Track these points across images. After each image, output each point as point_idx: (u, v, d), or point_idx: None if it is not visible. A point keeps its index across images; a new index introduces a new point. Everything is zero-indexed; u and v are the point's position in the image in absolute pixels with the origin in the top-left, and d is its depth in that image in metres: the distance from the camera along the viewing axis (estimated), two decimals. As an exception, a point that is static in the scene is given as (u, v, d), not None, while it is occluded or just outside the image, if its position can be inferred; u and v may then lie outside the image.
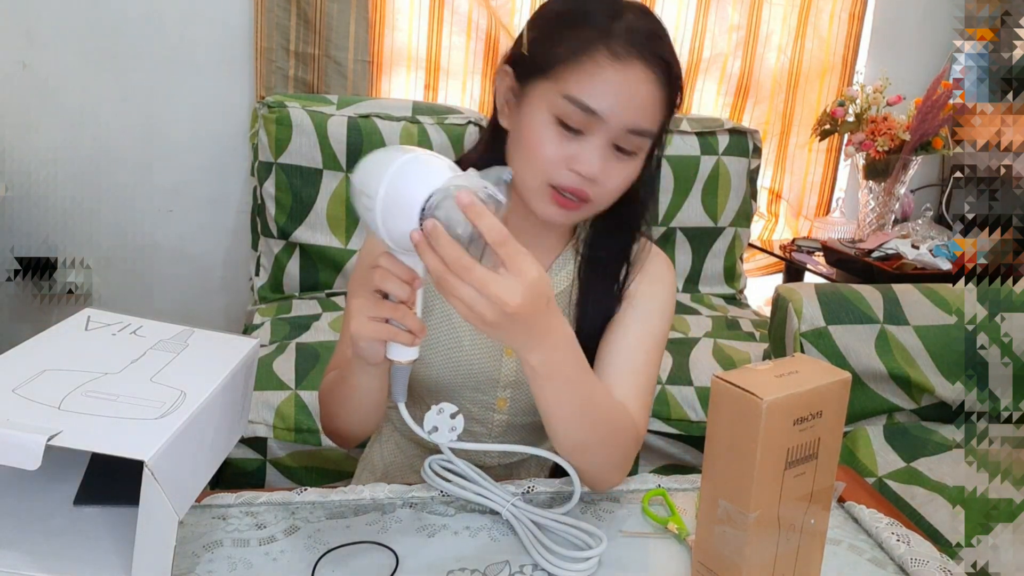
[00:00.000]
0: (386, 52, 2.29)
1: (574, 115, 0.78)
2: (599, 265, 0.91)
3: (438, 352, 0.92)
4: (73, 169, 2.19)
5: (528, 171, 0.82)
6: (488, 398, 0.93)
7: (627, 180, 0.83)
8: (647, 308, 0.90)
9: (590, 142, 0.79)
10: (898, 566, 0.73)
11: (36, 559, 0.59)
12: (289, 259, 2.06)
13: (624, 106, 0.78)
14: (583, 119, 0.78)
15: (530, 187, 0.83)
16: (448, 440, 0.72)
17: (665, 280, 0.94)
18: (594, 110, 0.77)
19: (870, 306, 1.43)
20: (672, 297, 0.94)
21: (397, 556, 0.70)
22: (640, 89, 0.78)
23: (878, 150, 2.29)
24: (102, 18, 2.11)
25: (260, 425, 1.52)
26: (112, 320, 0.75)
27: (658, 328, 0.90)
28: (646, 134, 0.80)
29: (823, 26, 2.58)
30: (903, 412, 1.45)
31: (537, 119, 0.80)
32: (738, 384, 0.58)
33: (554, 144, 0.79)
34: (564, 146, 0.79)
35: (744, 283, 2.40)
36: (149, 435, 0.56)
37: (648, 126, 0.80)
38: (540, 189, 0.82)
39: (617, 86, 0.77)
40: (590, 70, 0.77)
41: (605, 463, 0.79)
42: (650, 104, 0.79)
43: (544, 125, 0.80)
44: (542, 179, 0.81)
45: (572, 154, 0.79)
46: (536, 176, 0.81)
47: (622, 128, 0.78)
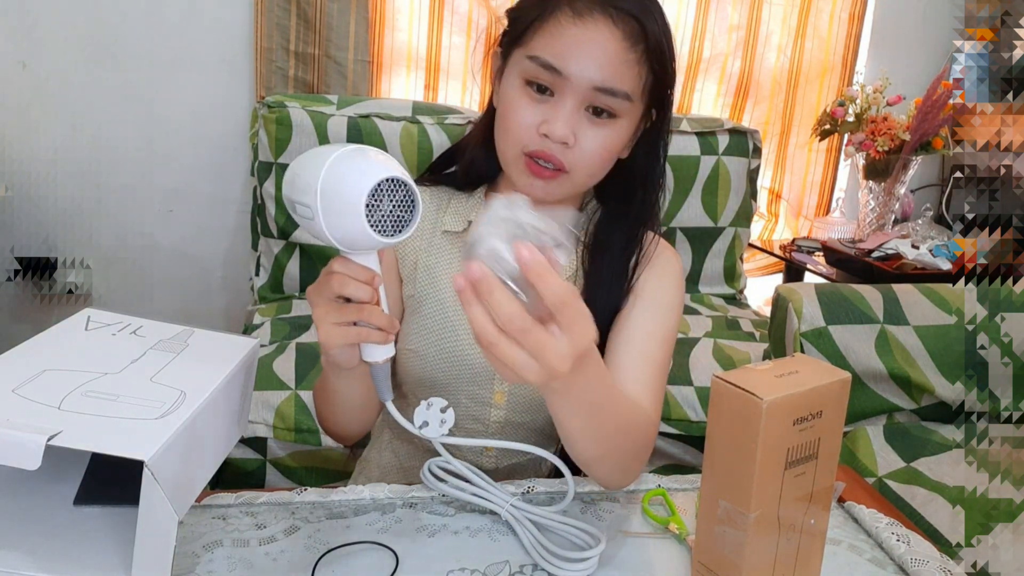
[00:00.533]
0: (386, 52, 2.29)
1: (540, 74, 0.78)
2: (605, 254, 0.89)
3: (432, 344, 0.90)
4: (73, 169, 2.19)
5: (504, 142, 0.83)
6: (485, 392, 0.91)
7: (605, 147, 0.81)
8: (657, 300, 0.89)
9: (558, 103, 0.78)
10: (898, 566, 0.73)
11: (36, 559, 0.59)
12: (289, 259, 2.06)
13: (587, 63, 0.77)
14: (549, 78, 0.78)
15: (508, 159, 0.83)
16: (439, 435, 0.72)
17: (674, 273, 0.92)
18: (557, 68, 0.77)
19: (870, 306, 1.43)
20: (681, 290, 0.93)
21: (397, 556, 0.70)
22: (604, 45, 0.77)
23: (878, 150, 2.29)
24: (102, 18, 2.11)
25: (260, 425, 1.52)
26: (112, 320, 0.75)
27: (669, 321, 0.89)
28: (618, 94, 0.78)
29: (823, 26, 2.58)
30: (903, 412, 1.45)
31: (510, 87, 0.81)
32: (738, 384, 0.58)
33: (526, 109, 0.80)
34: (534, 110, 0.79)
35: (744, 283, 2.40)
36: (149, 435, 0.56)
37: (618, 85, 0.78)
38: (516, 159, 0.82)
39: (578, 43, 0.77)
40: (552, 30, 0.78)
41: (621, 467, 0.77)
42: (618, 62, 0.77)
43: (516, 91, 0.80)
44: (517, 148, 0.81)
45: (543, 119, 0.79)
46: (511, 146, 0.82)
47: (588, 86, 0.77)
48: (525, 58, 0.79)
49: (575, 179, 0.83)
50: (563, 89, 0.78)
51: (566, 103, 0.78)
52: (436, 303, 0.90)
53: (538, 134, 0.79)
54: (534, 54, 0.78)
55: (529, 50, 0.79)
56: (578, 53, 0.77)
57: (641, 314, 0.88)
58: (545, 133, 0.79)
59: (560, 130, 0.78)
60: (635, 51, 0.78)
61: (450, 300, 0.89)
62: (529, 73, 0.79)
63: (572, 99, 0.78)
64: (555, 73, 0.78)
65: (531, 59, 0.78)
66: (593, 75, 0.77)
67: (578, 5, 0.77)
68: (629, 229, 0.90)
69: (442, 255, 0.90)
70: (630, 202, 0.90)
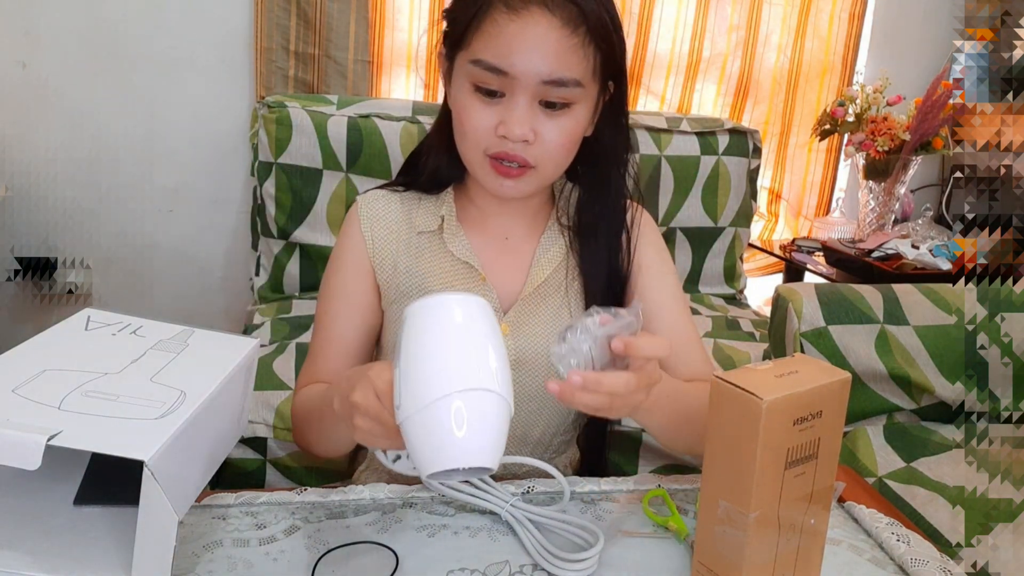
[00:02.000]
0: (386, 52, 2.29)
1: (486, 78, 0.77)
2: (594, 235, 0.89)
3: None
4: (73, 169, 2.19)
5: (465, 146, 0.82)
6: None
7: (567, 136, 0.80)
8: (660, 271, 0.91)
9: (511, 103, 0.77)
10: (898, 566, 0.73)
11: (36, 559, 0.59)
12: (289, 259, 2.06)
13: (531, 58, 0.75)
14: (496, 80, 0.77)
15: (472, 162, 0.82)
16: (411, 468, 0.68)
17: (656, 234, 0.95)
18: (501, 69, 0.76)
19: (870, 306, 1.43)
20: (664, 245, 0.95)
21: (397, 556, 0.70)
22: (545, 37, 0.75)
23: (878, 150, 2.29)
24: (102, 18, 2.11)
25: (260, 425, 1.52)
26: (112, 320, 0.75)
27: (674, 278, 0.93)
28: (568, 83, 0.77)
29: (823, 26, 2.58)
30: (903, 412, 1.45)
31: (460, 92, 0.80)
32: (738, 384, 0.58)
33: (479, 113, 0.78)
34: (489, 113, 0.78)
35: (744, 283, 2.40)
36: (149, 435, 0.56)
37: (567, 74, 0.76)
38: (481, 163, 0.81)
39: (518, 39, 0.75)
40: (489, 30, 0.76)
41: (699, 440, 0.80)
42: (563, 50, 0.75)
43: (467, 95, 0.79)
44: (479, 151, 0.80)
45: (498, 120, 0.78)
46: (472, 149, 0.81)
47: (537, 81, 0.76)
48: (469, 63, 0.78)
49: (543, 173, 0.82)
50: (512, 88, 0.77)
51: (518, 101, 0.77)
52: None
53: (496, 136, 0.78)
54: (476, 57, 0.77)
55: (471, 53, 0.77)
56: (519, 50, 0.75)
57: (652, 285, 0.90)
58: (503, 135, 0.78)
59: (517, 129, 0.77)
60: (577, 35, 0.76)
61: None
62: (476, 77, 0.78)
63: (523, 96, 0.77)
64: (501, 74, 0.76)
65: (475, 63, 0.77)
66: (539, 69, 0.76)
67: (510, 0, 0.75)
68: (612, 206, 0.90)
69: (422, 254, 0.90)
70: (606, 179, 0.89)
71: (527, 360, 0.88)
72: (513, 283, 0.89)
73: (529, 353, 0.88)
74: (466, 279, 0.88)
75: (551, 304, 0.89)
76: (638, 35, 2.43)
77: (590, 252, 0.89)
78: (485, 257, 0.89)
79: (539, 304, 0.89)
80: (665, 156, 2.18)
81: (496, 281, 0.88)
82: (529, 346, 0.88)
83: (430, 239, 0.90)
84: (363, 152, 2.00)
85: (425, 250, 0.89)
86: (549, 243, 0.90)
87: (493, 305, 0.87)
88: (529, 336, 0.88)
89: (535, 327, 0.88)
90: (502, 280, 0.89)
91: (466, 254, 0.88)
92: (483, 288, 0.88)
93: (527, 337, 0.88)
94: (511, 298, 0.89)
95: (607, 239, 0.89)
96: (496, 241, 0.90)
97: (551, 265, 0.89)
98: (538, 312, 0.89)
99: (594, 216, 0.89)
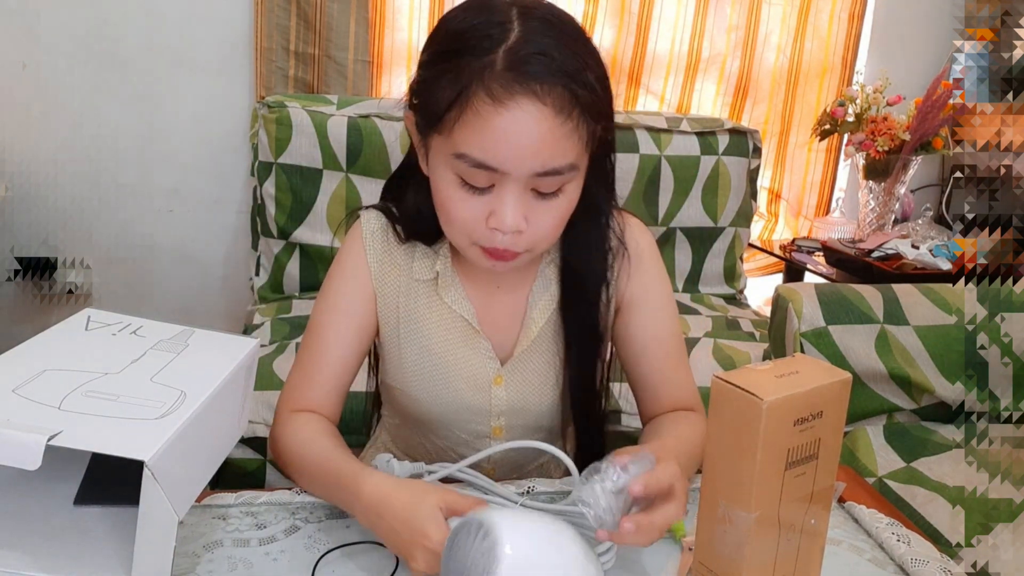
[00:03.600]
0: (386, 52, 2.29)
1: (472, 174, 0.71)
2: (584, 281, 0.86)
3: (421, 388, 0.88)
4: (73, 169, 2.19)
5: (451, 233, 0.78)
6: (482, 427, 0.90)
7: (561, 216, 0.76)
8: (651, 299, 0.89)
9: (501, 196, 0.71)
10: (898, 566, 0.73)
11: (36, 559, 0.59)
12: (289, 259, 2.06)
13: (522, 153, 0.69)
14: (484, 176, 0.71)
15: (461, 247, 0.79)
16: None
17: (650, 255, 0.90)
18: (489, 166, 0.69)
19: (870, 306, 1.43)
20: (662, 267, 0.91)
21: (397, 556, 0.70)
22: (535, 129, 0.68)
23: (878, 150, 2.28)
24: (102, 18, 2.11)
25: (260, 425, 1.52)
26: (112, 320, 0.75)
27: (672, 306, 0.91)
28: (562, 171, 0.71)
29: (823, 26, 2.58)
30: (903, 412, 1.45)
31: (443, 180, 0.74)
32: (738, 384, 0.58)
33: (466, 205, 0.73)
34: (476, 205, 0.73)
35: (744, 283, 2.40)
36: (149, 435, 0.56)
37: (560, 162, 0.71)
38: (470, 248, 0.77)
39: (505, 134, 0.68)
40: (472, 122, 0.68)
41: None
42: (555, 139, 0.69)
43: (450, 186, 0.73)
44: (467, 240, 0.76)
45: (488, 211, 0.72)
46: (460, 237, 0.77)
47: (529, 175, 0.70)
48: (452, 156, 0.71)
49: (537, 252, 0.79)
50: (502, 181, 0.71)
51: (508, 193, 0.71)
52: (420, 348, 0.87)
53: (487, 228, 0.73)
54: (461, 152, 0.70)
55: (454, 145, 0.70)
56: (509, 145, 0.68)
57: (647, 316, 0.89)
58: (495, 227, 0.73)
59: (510, 222, 0.72)
60: (571, 119, 0.69)
61: (435, 345, 0.87)
62: (461, 171, 0.71)
63: (514, 187, 0.71)
64: (489, 170, 0.70)
65: (459, 158, 0.70)
66: (532, 165, 0.70)
67: (494, 88, 0.67)
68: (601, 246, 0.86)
69: (419, 300, 0.88)
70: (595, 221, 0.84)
71: (521, 408, 0.89)
72: (506, 333, 0.88)
73: (522, 403, 0.89)
74: (462, 331, 0.87)
75: (544, 355, 0.88)
76: (638, 34, 2.43)
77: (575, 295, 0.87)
78: (477, 306, 0.87)
79: (533, 355, 0.88)
80: (665, 156, 2.18)
81: (489, 332, 0.87)
82: (523, 397, 0.89)
83: (426, 287, 0.88)
84: (363, 152, 2.00)
85: (422, 296, 0.88)
86: (540, 291, 0.88)
87: (487, 356, 0.87)
88: (524, 386, 0.89)
89: (529, 377, 0.88)
90: (495, 331, 0.88)
91: (462, 307, 0.86)
92: (478, 340, 0.87)
93: (521, 387, 0.89)
94: (504, 349, 0.88)
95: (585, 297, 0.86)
96: (488, 291, 0.88)
97: (543, 317, 0.87)
98: (532, 362, 0.88)
99: (584, 264, 0.86)
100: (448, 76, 0.70)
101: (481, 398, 0.88)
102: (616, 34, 2.42)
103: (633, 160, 2.15)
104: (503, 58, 0.68)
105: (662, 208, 2.21)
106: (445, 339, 0.87)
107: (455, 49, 0.71)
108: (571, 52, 0.70)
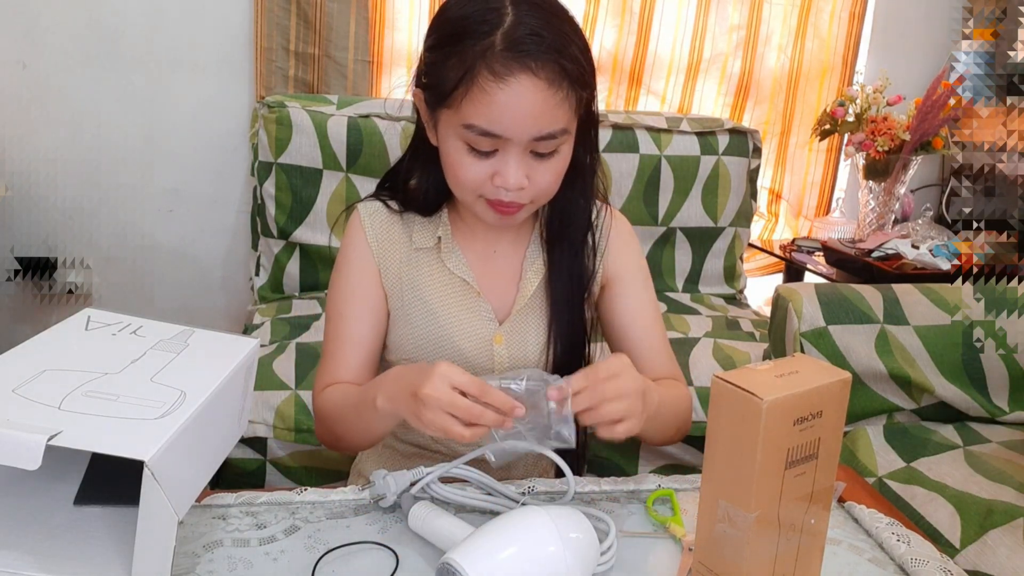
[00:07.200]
0: (386, 52, 2.29)
1: (479, 141, 0.81)
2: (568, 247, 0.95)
3: (427, 352, 0.94)
4: (73, 169, 2.19)
5: (459, 189, 0.87)
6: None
7: (558, 172, 0.86)
8: (634, 276, 0.98)
9: (504, 158, 0.82)
10: (898, 566, 0.73)
11: (36, 559, 0.59)
12: (289, 259, 2.06)
13: (521, 121, 0.79)
14: (489, 142, 0.81)
15: (467, 202, 0.88)
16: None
17: (633, 239, 1.01)
18: (494, 133, 0.80)
19: (870, 306, 1.43)
20: (640, 249, 1.02)
21: (397, 556, 0.70)
22: (533, 100, 0.78)
23: (878, 150, 2.28)
24: (102, 18, 2.11)
25: (260, 425, 1.52)
26: (112, 320, 0.75)
27: (650, 287, 1.00)
28: (556, 134, 0.81)
29: (823, 26, 2.58)
30: (903, 412, 1.45)
31: (452, 147, 0.84)
32: (738, 384, 0.58)
33: (472, 167, 0.83)
34: (482, 166, 0.83)
35: (744, 283, 2.40)
36: (149, 435, 0.56)
37: (554, 127, 0.81)
38: (476, 202, 0.87)
39: (507, 106, 0.78)
40: (478, 97, 0.78)
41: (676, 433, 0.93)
42: (550, 108, 0.79)
43: (459, 152, 0.83)
44: (474, 195, 0.86)
45: (493, 171, 0.82)
46: (467, 193, 0.86)
47: (528, 139, 0.80)
48: (460, 126, 0.81)
49: (538, 203, 0.89)
50: (505, 145, 0.81)
51: (511, 156, 0.81)
52: (425, 313, 0.94)
53: (493, 185, 0.83)
54: (468, 123, 0.80)
55: (462, 117, 0.80)
56: (510, 115, 0.79)
57: (633, 299, 0.97)
58: (500, 185, 0.83)
59: (513, 180, 0.82)
60: (561, 89, 0.79)
61: (438, 308, 0.94)
62: (468, 139, 0.81)
63: (516, 150, 0.81)
64: (494, 137, 0.80)
65: (467, 127, 0.80)
66: (530, 131, 0.80)
67: (496, 67, 0.77)
68: (584, 215, 0.95)
69: (421, 268, 0.95)
70: (581, 192, 0.93)
71: (520, 365, 0.95)
72: (503, 295, 0.96)
73: (520, 360, 0.95)
74: (462, 293, 0.95)
75: (538, 314, 0.96)
76: (639, 35, 2.43)
77: (559, 260, 0.95)
78: (476, 271, 0.95)
79: (528, 315, 0.96)
80: (665, 156, 2.18)
81: (488, 295, 0.95)
82: (521, 353, 0.95)
83: (428, 255, 0.95)
84: (363, 152, 2.00)
85: (424, 264, 0.95)
86: (534, 256, 0.97)
87: (487, 318, 0.95)
88: (521, 344, 0.95)
89: (526, 335, 0.96)
90: (493, 294, 0.96)
91: (462, 271, 0.94)
92: (478, 302, 0.94)
93: (519, 345, 0.95)
94: (503, 309, 0.96)
95: (571, 244, 0.95)
96: (485, 255, 0.97)
97: (537, 278, 0.96)
98: (528, 321, 0.96)
99: (567, 230, 0.95)
100: (454, 58, 0.80)
101: (484, 357, 0.94)
102: (617, 34, 2.42)
103: (633, 160, 2.15)
104: (501, 40, 0.78)
105: (662, 208, 2.21)
106: (446, 303, 0.94)
107: (457, 33, 0.80)
108: (558, 31, 0.80)
